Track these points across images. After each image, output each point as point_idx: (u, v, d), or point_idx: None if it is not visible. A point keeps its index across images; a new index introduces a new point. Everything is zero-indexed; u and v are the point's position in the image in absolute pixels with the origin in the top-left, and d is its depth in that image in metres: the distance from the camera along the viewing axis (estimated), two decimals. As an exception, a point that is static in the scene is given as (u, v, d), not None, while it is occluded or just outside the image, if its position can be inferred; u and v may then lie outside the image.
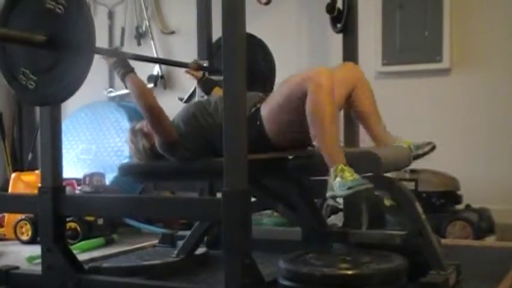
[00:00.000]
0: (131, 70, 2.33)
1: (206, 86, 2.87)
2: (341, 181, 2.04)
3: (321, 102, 2.08)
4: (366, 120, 2.43)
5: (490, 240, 3.25)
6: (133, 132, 2.56)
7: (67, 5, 1.81)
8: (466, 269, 2.24)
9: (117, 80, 3.65)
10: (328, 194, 2.12)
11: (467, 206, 3.48)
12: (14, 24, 1.95)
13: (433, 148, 2.34)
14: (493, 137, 3.83)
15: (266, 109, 2.27)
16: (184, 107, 2.52)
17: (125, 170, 2.58)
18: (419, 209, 2.16)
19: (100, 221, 3.62)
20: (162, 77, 4.76)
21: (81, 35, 1.81)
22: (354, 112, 2.46)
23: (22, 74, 1.96)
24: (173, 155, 2.39)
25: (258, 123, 2.25)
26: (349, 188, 2.01)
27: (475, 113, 3.89)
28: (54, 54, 1.86)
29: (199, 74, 2.87)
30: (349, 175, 2.04)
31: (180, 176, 2.56)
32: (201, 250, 2.80)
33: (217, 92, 2.83)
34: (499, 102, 3.83)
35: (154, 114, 2.32)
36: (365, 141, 2.67)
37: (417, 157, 2.31)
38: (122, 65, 2.34)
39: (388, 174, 2.29)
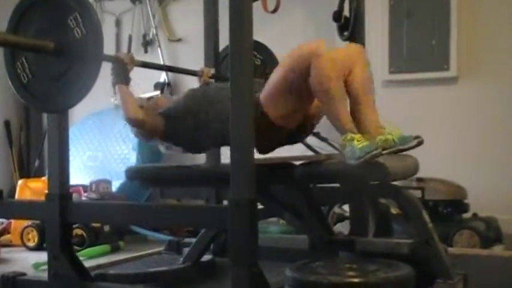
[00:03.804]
0: (122, 81, 2.37)
1: None
2: (352, 150, 2.07)
3: (326, 72, 2.12)
4: (354, 105, 2.26)
5: (497, 250, 3.24)
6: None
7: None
8: (473, 278, 2.22)
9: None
10: (348, 161, 2.13)
11: (475, 215, 3.46)
12: (24, 30, 1.97)
13: (420, 143, 2.14)
14: (501, 146, 3.82)
15: (264, 95, 2.23)
16: (181, 100, 2.50)
17: (132, 174, 2.57)
18: (426, 218, 2.16)
19: (106, 228, 3.62)
20: (168, 84, 4.77)
21: (90, 43, 1.82)
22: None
23: (29, 81, 1.98)
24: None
25: (259, 112, 2.19)
26: (358, 158, 2.03)
27: (483, 121, 3.88)
28: (63, 62, 1.88)
29: (208, 80, 2.88)
30: (358, 143, 2.07)
31: (186, 182, 2.55)
32: (207, 257, 2.79)
33: None
34: (507, 110, 3.82)
35: (136, 125, 2.39)
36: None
37: (399, 151, 2.12)
38: (116, 74, 2.38)
39: (395, 183, 2.28)
